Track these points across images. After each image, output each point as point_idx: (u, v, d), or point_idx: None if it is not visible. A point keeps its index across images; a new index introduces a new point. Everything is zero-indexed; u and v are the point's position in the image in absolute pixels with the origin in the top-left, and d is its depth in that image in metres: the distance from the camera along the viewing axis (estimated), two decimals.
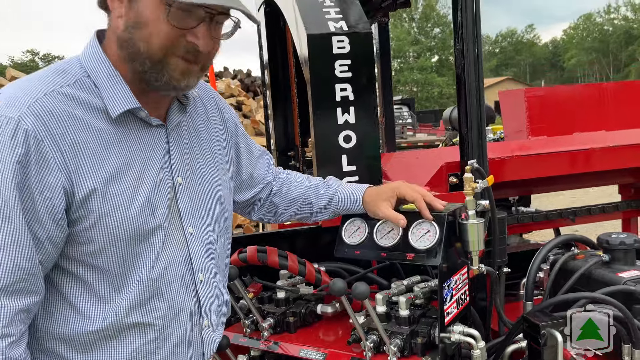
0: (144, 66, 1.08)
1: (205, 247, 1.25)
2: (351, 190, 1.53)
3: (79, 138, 1.04)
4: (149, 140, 1.15)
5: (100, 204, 1.06)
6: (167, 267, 1.16)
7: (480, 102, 1.95)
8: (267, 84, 2.78)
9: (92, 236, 1.07)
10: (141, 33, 1.06)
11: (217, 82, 10.80)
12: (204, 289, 1.24)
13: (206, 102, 1.35)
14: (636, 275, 1.75)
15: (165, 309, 1.17)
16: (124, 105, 1.09)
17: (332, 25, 1.78)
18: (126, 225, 1.09)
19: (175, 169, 1.19)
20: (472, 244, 1.45)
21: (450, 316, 1.42)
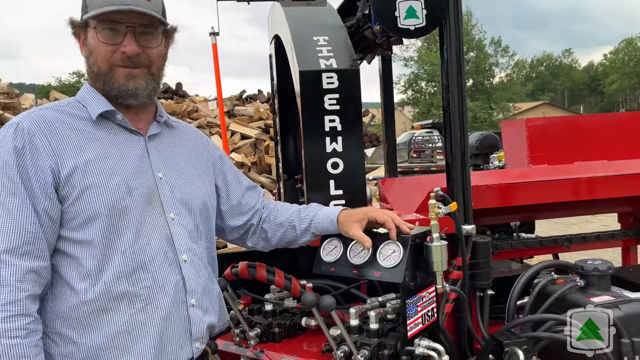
0: (102, 83, 1.41)
1: (188, 232, 1.45)
2: (328, 212, 1.70)
3: (64, 134, 1.34)
4: (126, 141, 1.43)
5: (81, 180, 1.31)
6: (149, 243, 1.36)
7: (463, 133, 2.09)
8: (276, 111, 2.97)
9: (77, 211, 1.30)
10: (93, 59, 1.41)
11: (246, 105, 11.15)
12: (188, 268, 1.42)
13: (192, 135, 1.66)
14: (607, 300, 1.83)
15: (150, 281, 1.35)
16: (101, 108, 1.40)
17: (322, 62, 1.96)
18: (104, 198, 1.32)
19: (155, 167, 1.44)
20: (437, 264, 1.58)
21: (414, 330, 1.54)
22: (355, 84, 1.96)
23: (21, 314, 1.20)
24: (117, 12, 1.36)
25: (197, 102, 10.87)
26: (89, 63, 1.42)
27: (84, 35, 1.43)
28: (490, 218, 2.81)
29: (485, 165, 3.43)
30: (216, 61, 2.59)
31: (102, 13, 1.36)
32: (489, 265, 2.13)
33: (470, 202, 2.10)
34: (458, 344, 2.02)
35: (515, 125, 3.23)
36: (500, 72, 53.62)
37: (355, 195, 1.99)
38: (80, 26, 1.43)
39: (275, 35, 2.75)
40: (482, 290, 2.12)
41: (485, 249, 2.11)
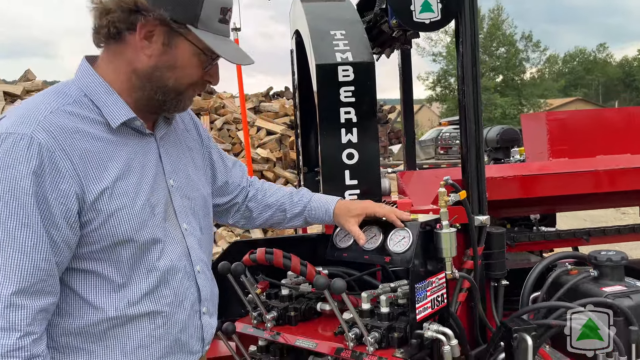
0: (165, 97, 1.30)
1: (198, 241, 1.42)
2: (324, 201, 1.72)
3: (85, 147, 1.19)
4: (143, 147, 1.32)
5: (107, 204, 1.20)
6: (172, 259, 1.31)
7: (478, 125, 2.13)
8: (297, 105, 3.05)
9: (102, 235, 1.20)
10: (174, 73, 1.27)
11: (272, 102, 11.27)
12: (201, 278, 1.41)
13: (183, 117, 1.54)
14: (619, 290, 1.85)
15: (172, 297, 1.31)
16: (123, 116, 1.26)
17: (339, 55, 2.02)
18: (130, 224, 1.23)
19: (167, 173, 1.36)
20: (446, 250, 1.63)
21: (423, 314, 1.59)
22: (371, 77, 2.01)
23: (29, 358, 1.12)
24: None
25: (224, 99, 11.03)
26: (164, 73, 1.27)
27: (166, 37, 1.24)
28: (508, 210, 2.83)
29: (506, 159, 3.43)
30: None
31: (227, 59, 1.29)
32: (503, 256, 2.16)
33: (485, 194, 2.13)
34: (471, 332, 2.06)
35: (536, 119, 3.23)
36: (531, 68, 52.62)
37: (370, 186, 2.04)
38: (165, 23, 1.22)
39: (296, 30, 2.82)
40: (497, 280, 2.16)
41: (499, 239, 2.14)
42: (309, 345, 1.72)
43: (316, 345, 1.70)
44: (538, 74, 55.20)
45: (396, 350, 1.56)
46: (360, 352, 1.58)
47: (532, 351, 1.65)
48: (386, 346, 1.59)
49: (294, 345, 1.77)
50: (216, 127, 10.04)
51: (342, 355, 1.61)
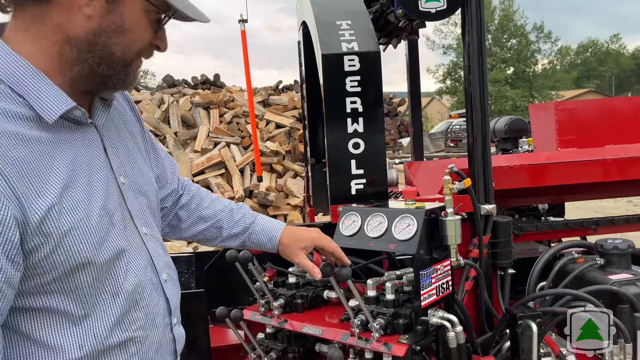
0: (111, 69, 1.04)
1: (160, 244, 1.23)
2: (268, 226, 1.57)
3: (17, 156, 0.91)
4: (84, 142, 1.06)
5: (57, 224, 0.94)
6: (137, 274, 1.10)
7: (484, 114, 2.13)
8: (304, 96, 3.06)
9: (55, 262, 0.95)
10: (123, 38, 1.02)
11: (280, 95, 11.28)
12: (169, 287, 1.22)
13: (120, 99, 1.29)
14: (625, 278, 1.85)
15: (144, 318, 1.11)
16: (61, 107, 0.98)
17: (344, 45, 2.02)
18: (89, 240, 0.99)
19: (116, 169, 1.12)
20: (451, 238, 1.64)
21: (428, 301, 1.61)
22: (376, 67, 2.02)
23: None
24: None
25: (234, 92, 11.08)
26: (111, 39, 1.01)
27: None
28: (516, 200, 2.83)
29: (515, 150, 3.42)
30: (245, 48, 2.68)
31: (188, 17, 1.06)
32: (509, 245, 2.16)
33: (491, 183, 2.14)
34: (477, 320, 2.07)
35: (544, 109, 3.22)
36: (543, 59, 52.12)
37: (376, 176, 2.05)
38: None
39: (303, 22, 2.82)
40: (503, 269, 2.16)
41: (506, 228, 2.14)
42: (316, 332, 1.74)
43: (322, 331, 1.72)
44: (550, 65, 54.64)
45: (401, 336, 1.57)
46: (366, 338, 1.60)
47: (537, 338, 1.65)
48: (391, 332, 1.60)
49: (300, 332, 1.79)
50: (225, 120, 10.09)
51: (348, 342, 1.63)
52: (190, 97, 10.84)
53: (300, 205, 8.41)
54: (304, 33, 2.89)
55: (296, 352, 1.88)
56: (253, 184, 8.78)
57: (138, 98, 10.81)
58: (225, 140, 9.48)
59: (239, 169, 9.01)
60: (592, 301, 1.70)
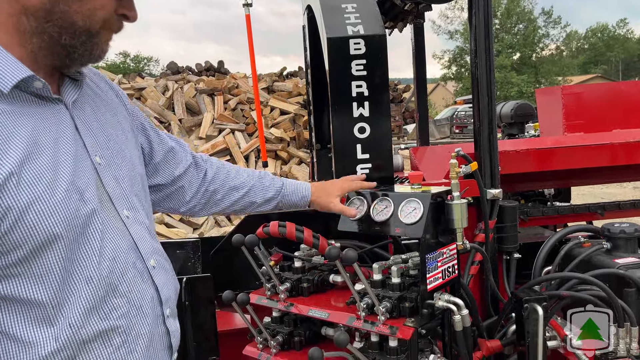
0: (75, 39, 1.00)
1: (146, 229, 1.17)
2: (297, 187, 1.71)
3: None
4: (51, 117, 1.01)
5: (17, 196, 0.90)
6: (115, 258, 1.04)
7: (490, 98, 2.11)
8: (309, 82, 3.04)
9: (16, 240, 0.90)
10: (82, 6, 0.98)
11: (285, 81, 11.24)
12: (159, 274, 1.16)
13: (96, 81, 1.24)
14: (632, 261, 1.85)
15: (126, 305, 1.05)
16: (16, 75, 0.94)
17: (350, 29, 2.01)
18: (55, 215, 0.94)
19: (91, 148, 1.07)
20: (457, 221, 1.63)
21: (434, 284, 1.61)
22: (382, 50, 2.00)
23: None
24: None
25: (238, 79, 11.04)
26: (70, 7, 0.97)
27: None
28: (522, 184, 2.82)
29: (521, 135, 3.41)
30: (249, 32, 2.66)
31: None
32: (515, 229, 2.16)
33: (497, 167, 2.13)
34: (482, 304, 2.08)
35: (551, 93, 3.20)
36: (550, 44, 51.63)
37: (382, 160, 2.05)
38: None
39: (307, 5, 2.80)
40: (509, 253, 2.16)
41: (512, 212, 2.14)
42: (322, 315, 1.75)
43: (328, 315, 1.73)
44: (557, 51, 54.16)
45: (407, 320, 1.58)
46: (372, 321, 1.61)
47: (543, 322, 1.66)
48: (397, 316, 1.61)
49: (307, 315, 1.80)
50: (230, 107, 10.08)
51: (354, 325, 1.64)
52: (194, 84, 10.82)
53: None
54: (309, 17, 2.86)
55: (302, 335, 1.90)
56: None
57: (142, 85, 10.80)
58: (229, 127, 9.48)
59: (243, 155, 9.02)
60: (598, 284, 1.70)
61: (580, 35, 63.71)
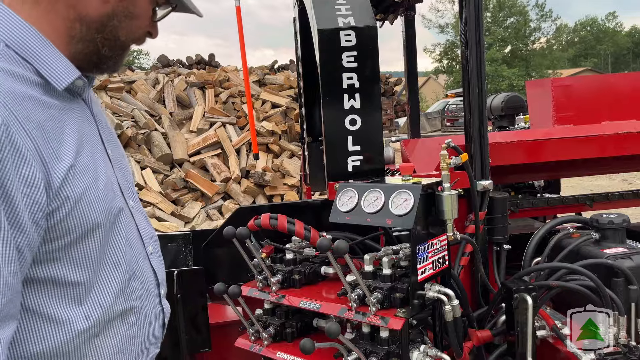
0: (112, 52, 1.08)
1: (144, 217, 1.27)
2: None
3: (39, 118, 0.92)
4: (82, 112, 1.08)
5: (73, 187, 0.95)
6: (132, 245, 1.13)
7: (481, 90, 2.12)
8: (300, 74, 3.04)
9: (68, 227, 0.95)
10: (130, 24, 1.07)
11: (276, 74, 11.20)
12: (155, 259, 1.25)
13: None
14: (620, 252, 1.87)
15: (140, 288, 1.15)
16: (70, 75, 1.01)
17: (341, 20, 2.00)
18: (100, 205, 1.01)
19: (105, 142, 1.15)
20: (447, 212, 1.64)
21: (424, 275, 1.62)
22: (373, 42, 2.00)
23: None
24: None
25: (229, 72, 10.98)
26: (121, 23, 1.06)
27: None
28: (512, 176, 2.83)
29: (511, 127, 3.42)
30: (240, 23, 2.65)
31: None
32: (505, 221, 2.18)
33: (488, 158, 2.14)
34: (473, 295, 2.09)
35: (541, 85, 3.21)
36: (541, 38, 51.82)
37: (373, 152, 2.05)
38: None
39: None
40: (499, 244, 2.18)
41: (502, 204, 2.15)
42: (313, 307, 1.76)
43: (320, 306, 1.74)
44: (547, 44, 54.40)
45: (398, 310, 1.59)
46: (363, 312, 1.61)
47: (533, 311, 1.67)
48: (388, 306, 1.62)
49: (298, 307, 1.80)
50: (221, 100, 10.03)
51: (346, 316, 1.65)
52: (185, 77, 10.75)
53: (297, 185, 8.41)
54: (300, 9, 2.85)
55: (294, 327, 1.90)
56: (249, 164, 8.77)
57: (132, 78, 10.72)
58: (221, 120, 9.44)
59: (235, 149, 8.99)
60: (587, 274, 1.71)
61: (570, 29, 64.01)
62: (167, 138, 8.96)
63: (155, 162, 8.56)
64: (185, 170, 8.49)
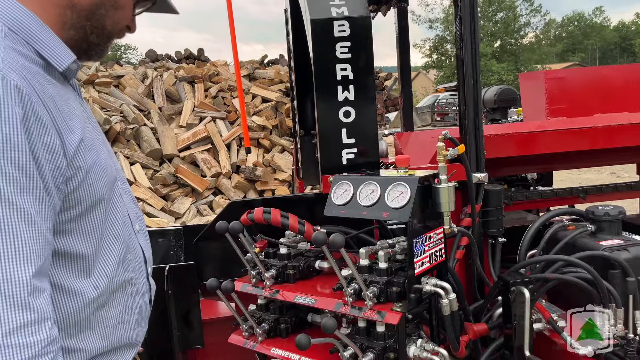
0: (99, 39, 1.16)
1: (131, 197, 1.33)
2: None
3: (50, 91, 1.00)
4: (75, 95, 1.17)
5: (84, 159, 1.03)
6: (124, 220, 1.21)
7: (476, 81, 2.10)
8: (292, 67, 2.99)
9: (79, 197, 1.03)
10: (115, 14, 1.15)
11: (267, 69, 11.12)
12: (141, 237, 1.32)
13: None
14: (616, 244, 1.86)
15: (134, 261, 1.23)
16: (69, 57, 1.08)
17: (334, 10, 1.96)
18: (104, 177, 1.09)
19: (96, 125, 1.24)
20: (444, 205, 1.62)
21: (421, 269, 1.60)
22: (367, 32, 1.97)
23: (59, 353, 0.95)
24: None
25: (218, 66, 10.89)
26: (108, 13, 1.13)
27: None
28: (505, 169, 2.82)
29: (504, 120, 3.41)
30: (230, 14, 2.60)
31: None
32: (500, 213, 2.16)
33: (483, 151, 2.12)
34: (468, 288, 2.08)
35: (534, 78, 3.20)
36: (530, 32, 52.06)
37: (367, 145, 2.02)
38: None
39: None
40: (494, 237, 2.16)
41: (497, 196, 2.14)
42: (308, 302, 1.73)
43: (315, 301, 1.71)
44: (535, 39, 54.68)
45: (395, 305, 1.56)
46: (359, 306, 1.59)
47: (530, 304, 1.66)
48: (385, 301, 1.59)
49: (293, 302, 1.78)
50: (211, 95, 9.94)
51: (341, 310, 1.62)
52: (174, 72, 10.64)
53: (288, 180, 8.37)
54: (291, 0, 2.81)
55: (288, 322, 1.88)
56: (240, 159, 8.71)
57: (120, 72, 10.59)
58: (211, 115, 9.36)
59: (225, 144, 8.92)
60: (584, 267, 1.70)
61: (558, 24, 64.37)
62: (157, 133, 8.86)
63: (144, 157, 8.47)
64: (175, 165, 8.41)
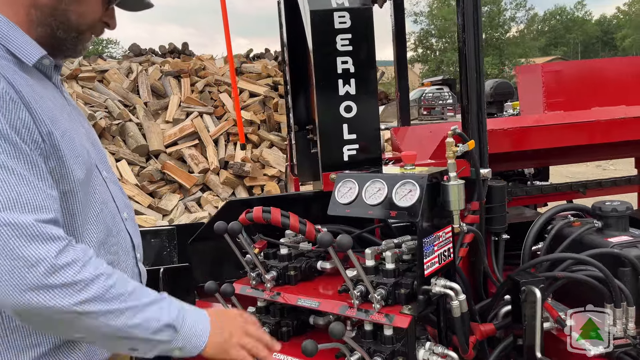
0: (67, 35, 1.21)
1: (118, 187, 1.39)
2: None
3: (19, 80, 1.09)
4: (52, 89, 1.24)
5: (58, 141, 1.11)
6: (107, 204, 1.28)
7: (479, 74, 2.04)
8: (286, 61, 2.91)
9: (61, 176, 1.12)
10: (79, 7, 1.20)
11: (253, 62, 10.99)
12: (130, 225, 1.38)
13: None
14: (625, 240, 1.82)
15: (116, 245, 1.29)
16: (37, 52, 1.16)
17: (334, 1, 1.89)
18: (80, 163, 1.17)
19: (77, 118, 1.30)
20: (454, 203, 1.56)
21: (431, 269, 1.54)
22: (368, 24, 1.90)
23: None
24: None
25: (204, 60, 10.74)
26: (69, 7, 1.19)
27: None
28: (502, 164, 2.78)
29: (500, 114, 3.37)
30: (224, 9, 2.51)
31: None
32: (504, 210, 2.11)
33: (486, 146, 2.07)
34: (474, 286, 2.03)
35: (531, 71, 3.16)
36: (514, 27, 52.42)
37: (369, 141, 1.96)
38: None
39: None
40: (497, 234, 2.12)
41: (500, 192, 2.09)
42: (312, 305, 1.66)
43: (319, 304, 1.65)
44: (519, 33, 55.07)
45: (404, 307, 1.50)
46: (366, 309, 1.53)
47: (541, 304, 1.61)
48: (393, 303, 1.54)
49: (295, 305, 1.71)
50: (197, 89, 9.80)
51: (347, 314, 1.56)
52: (159, 66, 10.46)
53: (277, 175, 8.29)
54: None
55: (290, 325, 1.81)
56: (228, 154, 8.60)
57: (104, 67, 10.38)
58: (197, 110, 9.22)
59: (213, 139, 8.80)
60: (595, 265, 1.66)
61: (540, 18, 64.87)
62: (142, 129, 8.70)
63: (130, 153, 8.31)
64: (162, 161, 8.27)
